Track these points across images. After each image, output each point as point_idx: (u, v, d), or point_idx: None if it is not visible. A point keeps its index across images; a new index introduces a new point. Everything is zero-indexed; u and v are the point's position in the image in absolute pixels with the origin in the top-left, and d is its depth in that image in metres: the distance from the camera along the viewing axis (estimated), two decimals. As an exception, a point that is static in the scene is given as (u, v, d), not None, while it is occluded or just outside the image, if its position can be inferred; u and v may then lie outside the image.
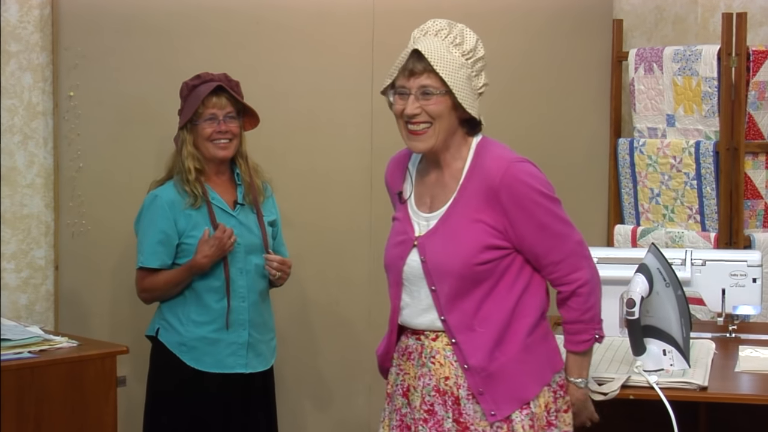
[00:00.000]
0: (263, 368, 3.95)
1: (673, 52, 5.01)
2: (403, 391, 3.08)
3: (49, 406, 3.49)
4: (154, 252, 3.79)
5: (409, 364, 3.06)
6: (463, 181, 3.02)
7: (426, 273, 3.00)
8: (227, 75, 3.87)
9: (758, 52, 4.87)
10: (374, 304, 4.80)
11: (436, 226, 3.02)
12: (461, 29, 3.09)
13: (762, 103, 4.90)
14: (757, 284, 3.99)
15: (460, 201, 3.00)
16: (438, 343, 3.00)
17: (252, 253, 3.88)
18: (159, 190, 3.85)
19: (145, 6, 4.20)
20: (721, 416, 3.78)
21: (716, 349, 3.79)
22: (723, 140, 4.87)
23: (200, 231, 3.79)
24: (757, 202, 4.98)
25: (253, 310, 3.89)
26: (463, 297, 2.96)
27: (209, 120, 3.81)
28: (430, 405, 3.00)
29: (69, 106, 4.07)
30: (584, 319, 3.03)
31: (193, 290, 3.83)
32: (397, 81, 3.04)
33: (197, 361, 3.82)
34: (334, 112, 4.65)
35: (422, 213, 3.07)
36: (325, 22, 4.59)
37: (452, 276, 2.95)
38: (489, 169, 2.98)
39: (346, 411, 4.71)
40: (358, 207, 4.73)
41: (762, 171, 4.97)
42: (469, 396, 2.96)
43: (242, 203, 3.90)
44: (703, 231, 4.97)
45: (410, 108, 2.99)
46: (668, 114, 5.05)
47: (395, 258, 3.07)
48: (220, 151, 3.83)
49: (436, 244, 2.99)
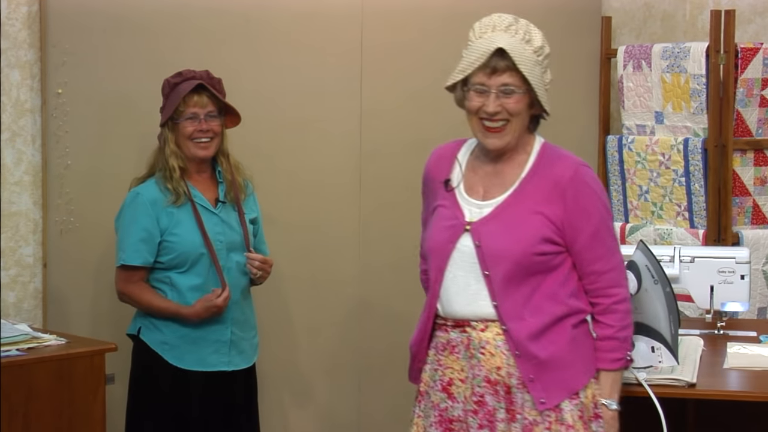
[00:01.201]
0: (246, 365, 3.93)
1: (661, 49, 5.00)
2: (443, 386, 3.06)
3: (37, 404, 3.47)
4: (136, 250, 3.77)
5: (452, 358, 3.05)
6: (527, 174, 3.05)
7: (480, 258, 3.00)
8: (209, 72, 3.85)
9: (746, 50, 4.86)
10: (362, 303, 4.79)
11: (493, 213, 3.03)
12: (526, 25, 3.09)
13: (750, 101, 4.89)
14: (745, 281, 3.99)
15: (521, 192, 3.03)
16: (488, 334, 3.01)
17: (233, 250, 3.86)
18: (140, 187, 3.83)
19: (134, 4, 4.18)
20: (710, 413, 3.78)
21: (704, 345, 3.79)
22: (711, 137, 4.86)
23: (183, 229, 3.77)
24: (745, 199, 4.98)
25: (235, 308, 3.87)
26: (517, 285, 2.98)
27: (190, 119, 3.79)
28: (480, 396, 3.00)
29: (57, 103, 4.05)
30: (619, 336, 3.02)
31: (175, 288, 3.81)
32: (475, 78, 3.02)
33: (179, 359, 3.80)
34: (322, 111, 4.64)
35: (474, 200, 3.07)
36: (314, 21, 4.57)
37: (509, 261, 2.97)
38: (557, 167, 3.03)
39: (331, 410, 4.69)
40: (347, 206, 4.72)
41: (750, 168, 4.97)
42: (519, 385, 2.98)
43: (224, 201, 3.88)
44: (692, 228, 4.96)
45: (492, 106, 3.00)
46: (657, 111, 5.04)
47: (443, 242, 3.06)
48: (200, 151, 3.81)
49: (494, 229, 3.01)
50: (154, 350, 3.81)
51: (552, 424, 2.96)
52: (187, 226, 3.78)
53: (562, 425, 2.96)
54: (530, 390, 2.96)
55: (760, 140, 4.96)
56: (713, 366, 3.59)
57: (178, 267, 3.81)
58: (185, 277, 3.80)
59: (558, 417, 2.97)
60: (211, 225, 3.83)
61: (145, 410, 3.83)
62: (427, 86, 4.86)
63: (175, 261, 3.80)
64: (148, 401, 3.81)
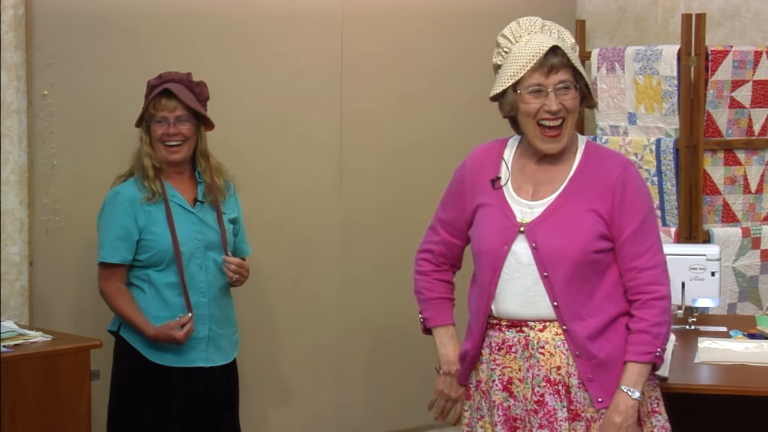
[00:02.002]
0: (224, 362, 3.93)
1: (634, 51, 5.03)
2: (504, 385, 3.04)
3: (24, 400, 3.47)
4: (113, 247, 3.78)
5: (510, 357, 3.03)
6: (575, 172, 3.04)
7: (537, 260, 2.98)
8: (190, 75, 3.86)
9: (716, 52, 4.89)
10: (342, 301, 4.81)
11: (546, 213, 3.01)
12: (554, 24, 3.10)
13: (720, 102, 4.93)
14: (715, 278, 4.01)
15: (571, 190, 3.02)
16: (546, 334, 3.00)
17: (211, 249, 3.87)
18: (120, 187, 3.84)
19: (118, 7, 4.17)
20: (682, 407, 3.80)
21: (676, 340, 3.81)
22: (683, 138, 4.89)
23: (159, 227, 3.79)
24: (715, 198, 5.01)
25: (213, 305, 3.87)
26: (577, 285, 2.97)
27: (159, 122, 3.80)
28: (540, 396, 2.99)
29: (43, 104, 4.05)
30: (653, 332, 2.97)
31: (153, 286, 3.82)
32: (529, 79, 2.98)
33: (158, 356, 3.80)
34: (304, 113, 4.64)
35: (524, 200, 3.05)
36: (295, 25, 4.58)
37: (569, 262, 2.96)
38: (606, 165, 3.03)
39: (310, 404, 4.70)
40: (328, 207, 4.73)
41: (720, 168, 5.00)
42: (579, 384, 2.97)
43: (202, 201, 3.89)
44: (664, 226, 4.99)
45: (554, 104, 2.98)
46: (630, 112, 5.07)
47: (497, 244, 3.03)
48: (170, 155, 3.82)
49: (549, 230, 2.99)
50: (134, 347, 3.81)
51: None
52: (163, 225, 3.79)
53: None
54: (588, 389, 2.96)
55: (730, 140, 4.99)
56: (685, 360, 3.61)
57: (155, 265, 3.82)
58: (162, 275, 3.81)
59: None
60: (189, 224, 3.84)
61: (127, 405, 3.83)
62: (406, 89, 4.89)
63: (153, 259, 3.81)
64: (130, 396, 3.82)
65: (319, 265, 4.72)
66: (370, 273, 4.85)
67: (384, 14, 4.80)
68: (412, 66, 4.90)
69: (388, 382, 4.94)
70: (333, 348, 4.79)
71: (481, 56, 4.72)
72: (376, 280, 4.87)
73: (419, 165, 4.90)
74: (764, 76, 4.99)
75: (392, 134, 4.86)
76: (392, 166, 4.89)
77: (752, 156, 5.06)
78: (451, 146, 4.72)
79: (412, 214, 4.82)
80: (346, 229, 4.78)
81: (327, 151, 4.72)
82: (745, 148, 5.03)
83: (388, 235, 4.88)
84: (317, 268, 4.72)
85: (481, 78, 4.76)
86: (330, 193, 4.74)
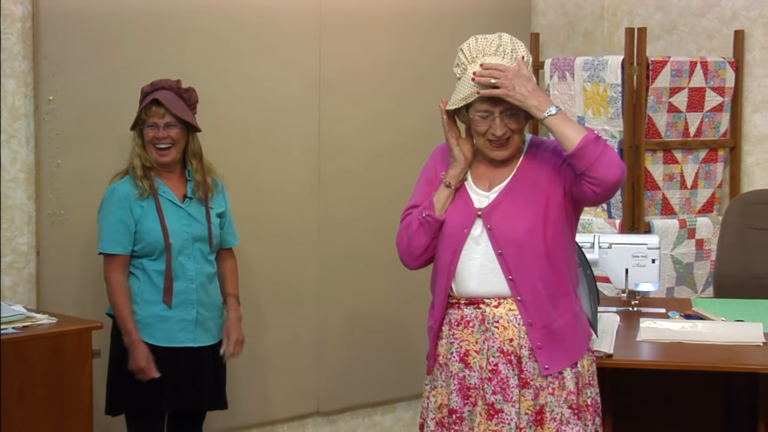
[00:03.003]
0: (211, 342, 3.91)
1: (583, 61, 5.04)
2: (460, 357, 3.05)
3: (31, 377, 3.45)
4: (111, 239, 3.77)
5: (467, 331, 3.04)
6: (522, 160, 3.07)
7: (492, 239, 3.00)
8: (179, 82, 3.85)
9: (656, 62, 4.92)
10: (321, 286, 4.80)
11: (498, 198, 3.04)
12: (510, 40, 3.06)
13: (660, 107, 4.95)
14: (655, 264, 4.03)
15: (521, 178, 3.04)
16: (501, 309, 3.01)
17: (198, 241, 3.86)
18: (116, 184, 3.83)
19: (117, 21, 4.15)
20: (625, 380, 3.82)
21: (620, 321, 3.83)
22: (626, 139, 4.92)
23: (150, 222, 3.77)
24: (655, 193, 5.03)
25: (201, 291, 3.86)
26: (529, 260, 2.98)
27: (150, 126, 3.79)
28: (494, 365, 3.00)
29: (48, 108, 4.02)
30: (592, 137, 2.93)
31: (146, 273, 3.80)
32: (480, 105, 2.97)
33: (151, 336, 3.78)
34: (284, 117, 4.62)
35: (482, 191, 3.07)
36: (276, 36, 4.56)
37: (520, 239, 2.98)
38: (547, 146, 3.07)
39: (292, 382, 4.69)
40: (307, 203, 4.71)
41: (660, 166, 5.02)
42: (530, 354, 2.99)
43: (191, 197, 3.87)
44: (610, 218, 5.01)
45: (499, 130, 2.99)
46: (579, 116, 5.08)
47: (458, 227, 3.05)
48: (160, 157, 3.81)
49: (502, 213, 3.01)
50: None
51: (555, 389, 2.99)
52: (154, 219, 3.78)
53: (564, 390, 3.00)
54: (537, 357, 2.98)
55: (668, 141, 5.02)
56: (628, 339, 3.63)
57: (148, 255, 3.80)
58: (154, 264, 3.79)
59: (560, 383, 3.00)
60: (177, 218, 3.82)
61: (122, 381, 3.81)
62: (380, 95, 4.88)
63: (146, 250, 3.79)
64: (125, 373, 3.79)
65: (298, 255, 4.71)
66: (344, 262, 4.84)
67: (358, 24, 4.79)
68: (386, 73, 4.89)
69: (361, 359, 4.94)
70: (311, 329, 4.78)
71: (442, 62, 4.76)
72: (349, 269, 4.86)
73: (391, 165, 4.89)
74: (699, 84, 5.01)
75: (367, 137, 4.85)
76: (366, 166, 4.88)
77: (688, 155, 5.09)
78: (422, 147, 4.70)
79: (383, 210, 4.82)
80: (323, 223, 4.77)
81: (306, 153, 4.71)
82: (682, 149, 5.06)
83: (361, 228, 4.88)
84: (297, 258, 4.71)
85: (441, 82, 4.77)
86: (309, 191, 4.73)
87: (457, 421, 3.04)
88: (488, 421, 2.99)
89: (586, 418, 3.04)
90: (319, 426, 4.91)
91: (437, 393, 3.12)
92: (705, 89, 5.03)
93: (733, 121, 5.17)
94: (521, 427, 2.98)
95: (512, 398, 2.98)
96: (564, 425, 2.98)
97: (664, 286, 4.95)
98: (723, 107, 5.11)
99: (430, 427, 3.12)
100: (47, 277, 4.09)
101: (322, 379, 4.85)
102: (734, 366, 3.43)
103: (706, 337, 3.61)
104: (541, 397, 2.99)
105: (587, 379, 3.08)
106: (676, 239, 4.99)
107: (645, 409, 4.00)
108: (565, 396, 3.00)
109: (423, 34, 4.97)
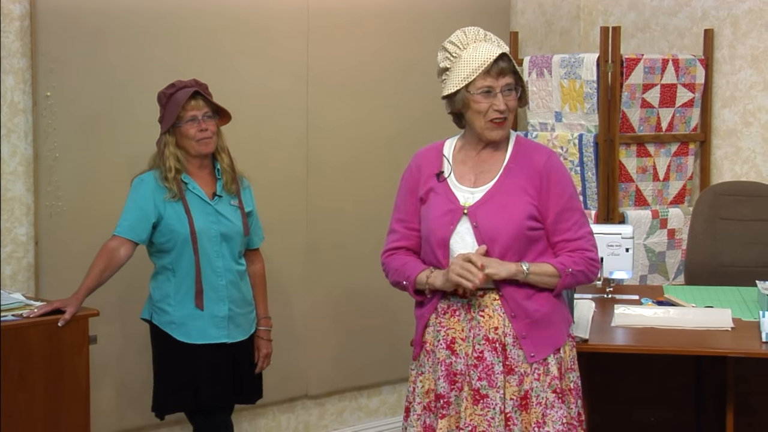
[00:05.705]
0: (243, 337, 3.85)
1: (560, 59, 5.05)
2: (447, 344, 3.05)
3: (30, 361, 3.44)
4: (130, 226, 3.70)
5: (454, 319, 3.04)
6: (508, 162, 3.06)
7: (478, 237, 3.00)
8: (196, 80, 3.78)
9: (630, 60, 4.92)
10: (309, 275, 4.80)
11: (485, 197, 3.03)
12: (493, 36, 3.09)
13: (633, 102, 4.96)
14: (629, 253, 4.04)
15: (507, 177, 3.04)
16: (486, 299, 3.01)
17: (226, 238, 3.77)
18: (145, 175, 3.75)
19: (112, 20, 4.14)
20: (600, 364, 3.83)
21: (596, 307, 3.84)
22: (601, 133, 4.92)
23: (173, 220, 3.69)
24: (629, 185, 5.04)
25: (231, 287, 3.79)
26: (511, 256, 2.98)
27: (190, 121, 3.71)
28: (480, 352, 3.00)
29: (46, 104, 4.01)
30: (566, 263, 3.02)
31: (174, 273, 3.75)
32: (482, 81, 2.99)
33: (186, 335, 3.73)
34: (274, 112, 4.62)
35: (467, 188, 3.06)
36: (266, 35, 4.56)
37: (504, 237, 2.98)
38: (533, 155, 3.06)
39: (285, 366, 4.69)
40: (296, 194, 4.71)
41: (633, 159, 5.03)
42: (514, 342, 2.99)
43: (220, 195, 3.80)
44: (585, 209, 5.01)
45: (502, 104, 3.00)
46: (556, 111, 5.09)
47: (444, 225, 3.04)
48: (203, 148, 3.73)
49: (488, 211, 3.00)
50: (164, 330, 3.75)
51: (540, 375, 3.00)
52: (179, 216, 3.70)
53: (548, 376, 3.00)
54: (522, 346, 2.99)
55: (641, 135, 5.03)
56: (603, 324, 3.64)
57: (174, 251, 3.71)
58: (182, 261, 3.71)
59: (545, 369, 3.00)
60: (206, 215, 3.75)
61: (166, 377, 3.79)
62: (366, 90, 4.88)
63: (169, 245, 3.71)
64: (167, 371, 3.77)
65: (287, 244, 4.71)
66: (332, 250, 4.84)
67: (345, 23, 4.79)
68: (371, 70, 4.89)
69: (348, 345, 4.94)
70: (300, 316, 4.78)
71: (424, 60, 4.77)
72: (336, 257, 4.86)
73: (376, 157, 4.89)
74: (671, 80, 5.02)
75: (353, 131, 4.85)
76: (352, 159, 4.88)
77: (660, 149, 5.10)
78: (406, 141, 4.72)
79: (369, 200, 4.83)
80: (311, 213, 4.77)
81: (295, 146, 4.70)
82: (654, 142, 5.07)
83: (348, 218, 4.88)
84: (286, 247, 4.70)
85: (424, 79, 4.79)
86: (298, 183, 4.72)
87: (445, 405, 3.04)
88: (474, 405, 2.99)
89: (570, 401, 3.05)
90: (308, 408, 4.92)
91: (424, 378, 3.11)
92: (676, 86, 5.04)
93: (703, 116, 5.18)
94: (506, 412, 2.98)
95: (497, 384, 2.98)
96: (549, 409, 2.99)
97: (637, 274, 4.96)
98: (693, 103, 5.12)
99: (417, 411, 3.12)
100: (45, 266, 4.07)
101: (310, 364, 4.86)
102: (704, 350, 3.45)
103: (678, 322, 3.62)
104: (526, 383, 2.99)
105: (569, 363, 3.09)
106: (649, 229, 5.01)
107: (620, 392, 4.01)
108: (549, 381, 3.00)
109: (406, 33, 4.97)
